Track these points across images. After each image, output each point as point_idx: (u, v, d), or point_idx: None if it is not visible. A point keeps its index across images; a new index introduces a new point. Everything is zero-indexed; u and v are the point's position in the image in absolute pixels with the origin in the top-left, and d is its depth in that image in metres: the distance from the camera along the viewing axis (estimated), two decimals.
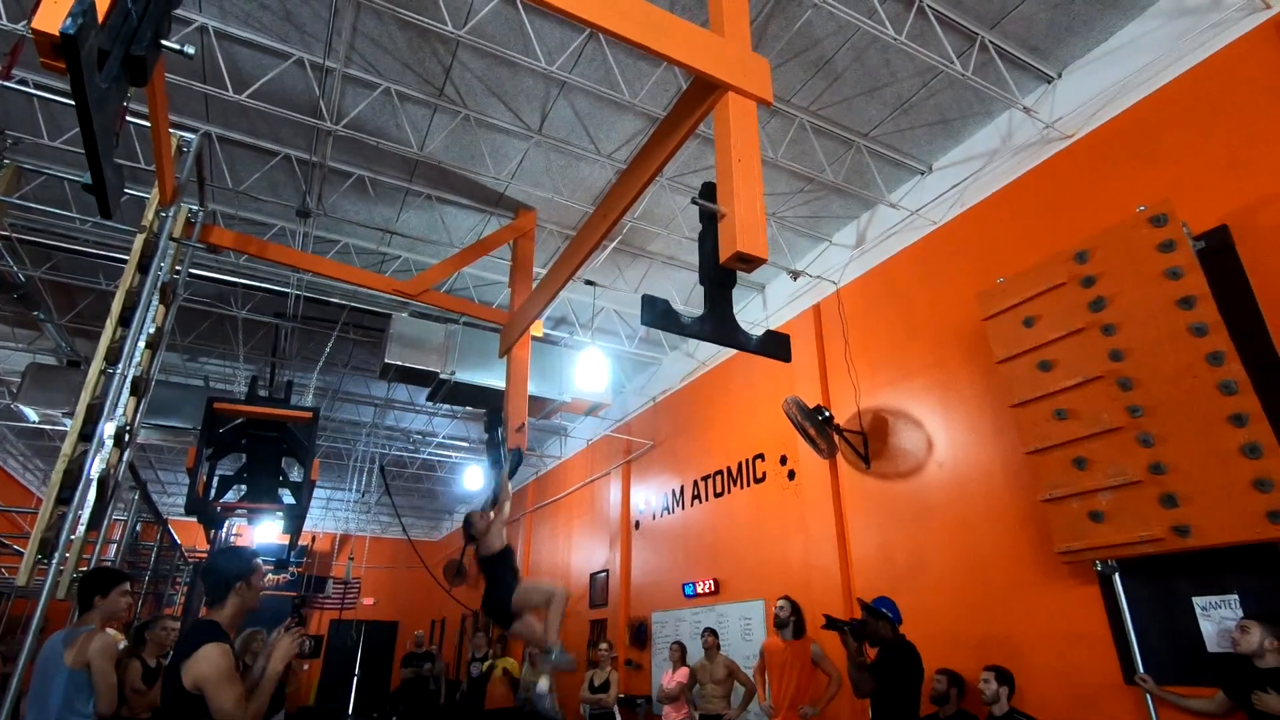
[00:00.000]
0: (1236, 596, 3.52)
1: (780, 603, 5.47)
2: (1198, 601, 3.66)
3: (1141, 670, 3.72)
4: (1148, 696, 3.70)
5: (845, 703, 5.44)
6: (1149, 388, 3.67)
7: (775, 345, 3.02)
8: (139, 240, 3.75)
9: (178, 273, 4.48)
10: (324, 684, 17.26)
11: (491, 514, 4.60)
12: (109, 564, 5.29)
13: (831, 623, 4.37)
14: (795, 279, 7.03)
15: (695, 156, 5.97)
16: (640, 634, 8.89)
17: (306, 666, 15.90)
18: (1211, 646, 3.58)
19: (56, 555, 3.09)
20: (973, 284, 5.13)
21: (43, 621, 3.11)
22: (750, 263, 2.65)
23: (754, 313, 7.90)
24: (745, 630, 6.95)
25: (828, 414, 6.07)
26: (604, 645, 7.53)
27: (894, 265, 6.21)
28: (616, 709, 7.17)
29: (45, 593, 3.05)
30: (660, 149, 3.40)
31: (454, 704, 10.05)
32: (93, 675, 3.23)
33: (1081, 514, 3.84)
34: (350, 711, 17.10)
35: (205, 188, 4.72)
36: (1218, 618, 3.57)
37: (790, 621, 5.34)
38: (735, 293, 3.02)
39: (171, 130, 4.10)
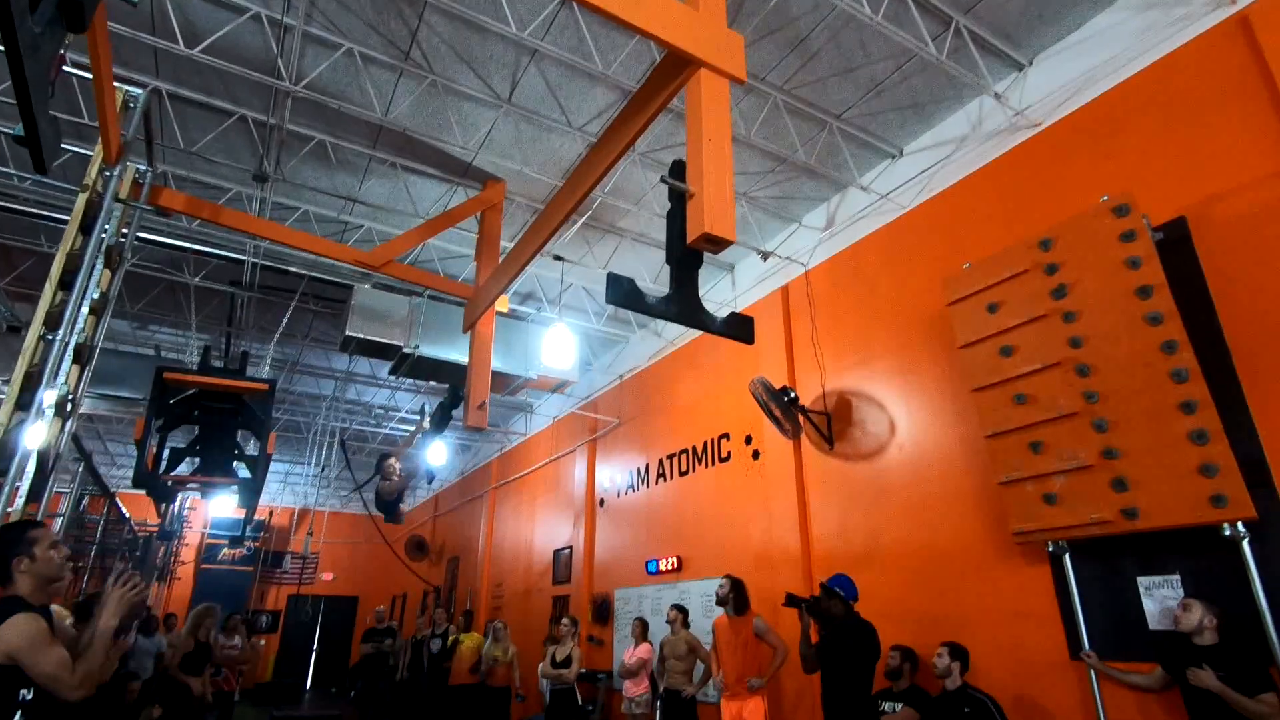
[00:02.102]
0: (1178, 576, 3.66)
1: (721, 581, 5.53)
2: (1142, 581, 3.79)
3: (1087, 647, 3.86)
4: (1091, 672, 3.84)
5: (793, 676, 5.55)
6: (1105, 374, 3.76)
7: (739, 327, 3.01)
8: (81, 199, 3.55)
9: (124, 236, 4.27)
10: (281, 659, 17.09)
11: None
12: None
13: (791, 600, 4.43)
14: (765, 260, 7.03)
15: (668, 132, 5.89)
16: (603, 610, 8.94)
17: (263, 642, 15.70)
18: (1153, 624, 3.72)
19: None
20: (938, 269, 5.19)
21: None
22: (718, 244, 2.61)
23: (722, 292, 7.89)
24: (707, 607, 7.02)
25: (793, 395, 6.12)
26: (566, 620, 7.55)
27: (862, 249, 6.24)
28: (576, 684, 7.22)
29: None
30: (632, 123, 3.33)
31: (415, 679, 10.01)
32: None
33: (1036, 496, 3.93)
34: (308, 686, 16.98)
35: (154, 147, 4.50)
36: (1160, 597, 3.71)
37: (730, 598, 5.40)
38: (704, 272, 2.99)
39: (117, 84, 3.88)
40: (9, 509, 3.13)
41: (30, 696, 2.18)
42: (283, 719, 9.86)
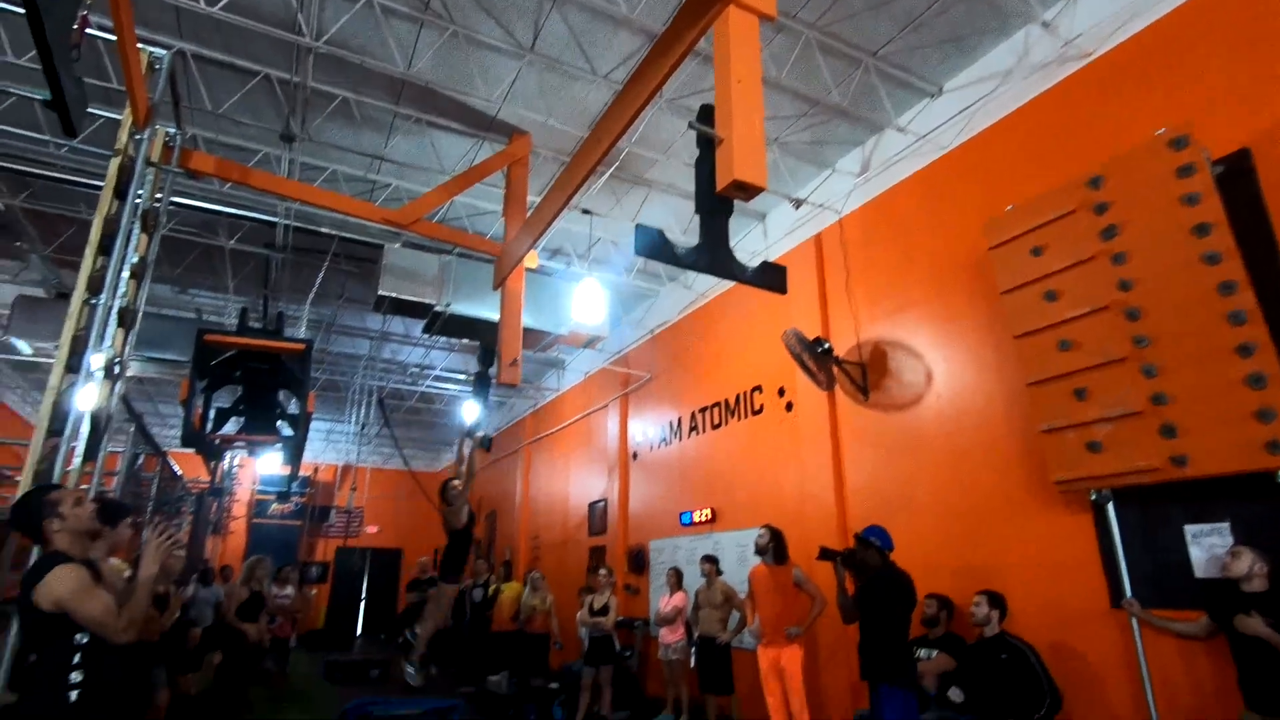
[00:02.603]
0: (1228, 524, 3.56)
1: (760, 531, 5.57)
2: (1189, 529, 3.70)
3: (1129, 595, 3.80)
4: (1133, 620, 3.80)
5: (830, 625, 5.61)
6: (1156, 318, 3.61)
7: (771, 277, 2.94)
8: (113, 164, 3.59)
9: (158, 200, 4.32)
10: (333, 608, 17.88)
11: (458, 484, 5.17)
12: (111, 495, 5.34)
13: (825, 553, 4.44)
14: (797, 208, 6.86)
15: (696, 76, 5.70)
16: (638, 561, 9.12)
17: (315, 591, 16.40)
18: (1199, 572, 3.64)
19: None
20: (979, 212, 5.00)
21: None
22: (748, 191, 2.53)
23: (754, 243, 7.74)
24: (741, 557, 7.11)
25: (827, 346, 6.02)
26: (603, 571, 7.72)
27: (899, 193, 6.03)
28: (613, 631, 7.41)
29: None
30: (658, 67, 3.22)
31: (458, 626, 10.40)
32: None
33: (1079, 444, 3.84)
34: (359, 633, 17.78)
35: (181, 109, 4.50)
36: (1207, 545, 3.62)
37: (770, 548, 5.45)
38: (734, 222, 2.91)
39: (141, 46, 3.87)
40: (67, 468, 3.26)
41: (85, 641, 2.33)
42: (335, 663, 10.35)
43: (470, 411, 5.03)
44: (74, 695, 2.28)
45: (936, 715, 4.35)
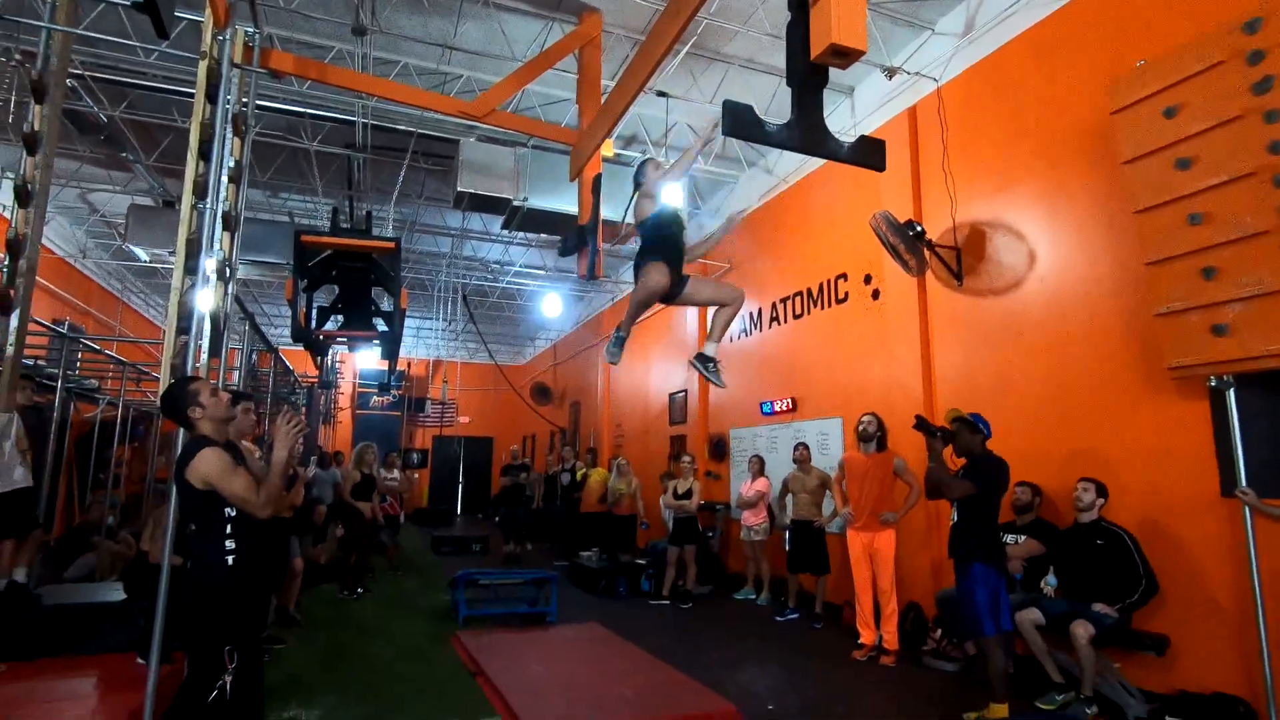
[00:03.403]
0: None
1: (866, 418, 5.57)
2: None
3: (1243, 484, 3.62)
4: (1246, 510, 3.63)
5: (921, 512, 5.65)
6: None
7: (869, 153, 2.74)
8: (202, 68, 3.64)
9: (245, 104, 4.40)
10: (434, 490, 19.45)
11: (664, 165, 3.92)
12: (234, 387, 5.83)
13: (922, 423, 4.28)
14: (890, 77, 6.32)
15: None
16: (719, 448, 9.35)
17: (417, 475, 17.77)
18: None
19: None
20: (1101, 72, 4.47)
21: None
22: (847, 57, 2.33)
23: (839, 120, 7.24)
24: (822, 445, 7.16)
25: (919, 229, 5.70)
26: (686, 458, 7.98)
27: (1007, 55, 5.44)
28: (697, 513, 7.74)
29: None
30: None
31: (549, 508, 11.12)
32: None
33: (1203, 327, 3.55)
34: (458, 512, 19.36)
35: (256, 7, 4.48)
36: None
37: (876, 436, 5.47)
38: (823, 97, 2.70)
39: None
40: (196, 364, 3.56)
41: (234, 514, 2.63)
42: (440, 538, 11.35)
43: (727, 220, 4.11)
44: (230, 560, 2.61)
45: (1022, 597, 4.39)
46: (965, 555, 3.97)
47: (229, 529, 2.62)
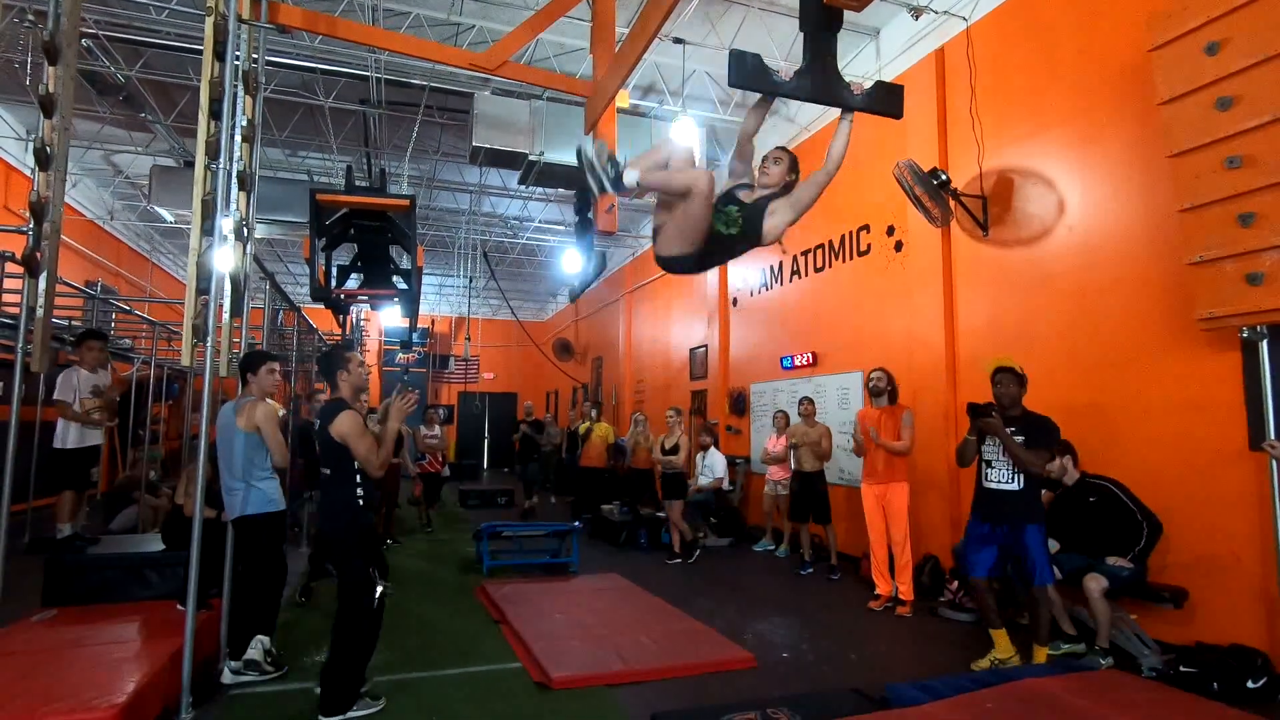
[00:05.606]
0: None
1: (876, 373, 5.54)
2: None
3: (1272, 437, 3.53)
4: (1272, 463, 3.55)
5: (943, 465, 5.63)
6: None
7: (885, 99, 2.64)
8: (208, 24, 3.60)
9: (255, 61, 4.36)
10: (460, 445, 19.85)
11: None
12: (259, 346, 5.93)
13: (974, 409, 4.14)
14: (917, 17, 6.05)
15: None
16: (740, 403, 9.36)
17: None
18: None
19: (210, 339, 3.44)
20: (1140, 8, 4.24)
21: (219, 394, 3.95)
22: None
23: (864, 64, 6.99)
24: (843, 399, 7.13)
25: (945, 177, 5.53)
26: (671, 412, 7.84)
27: None
28: (685, 467, 7.58)
29: (209, 371, 3.45)
30: None
31: (572, 460, 11.27)
32: (263, 436, 3.75)
33: (1237, 276, 3.42)
34: (485, 466, 19.79)
35: None
36: None
37: (886, 390, 5.46)
38: (844, 41, 2.60)
39: None
40: (218, 323, 3.61)
41: (359, 468, 3.21)
42: (468, 491, 11.61)
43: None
44: (360, 500, 3.23)
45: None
46: (1025, 518, 3.88)
47: (358, 477, 3.21)
